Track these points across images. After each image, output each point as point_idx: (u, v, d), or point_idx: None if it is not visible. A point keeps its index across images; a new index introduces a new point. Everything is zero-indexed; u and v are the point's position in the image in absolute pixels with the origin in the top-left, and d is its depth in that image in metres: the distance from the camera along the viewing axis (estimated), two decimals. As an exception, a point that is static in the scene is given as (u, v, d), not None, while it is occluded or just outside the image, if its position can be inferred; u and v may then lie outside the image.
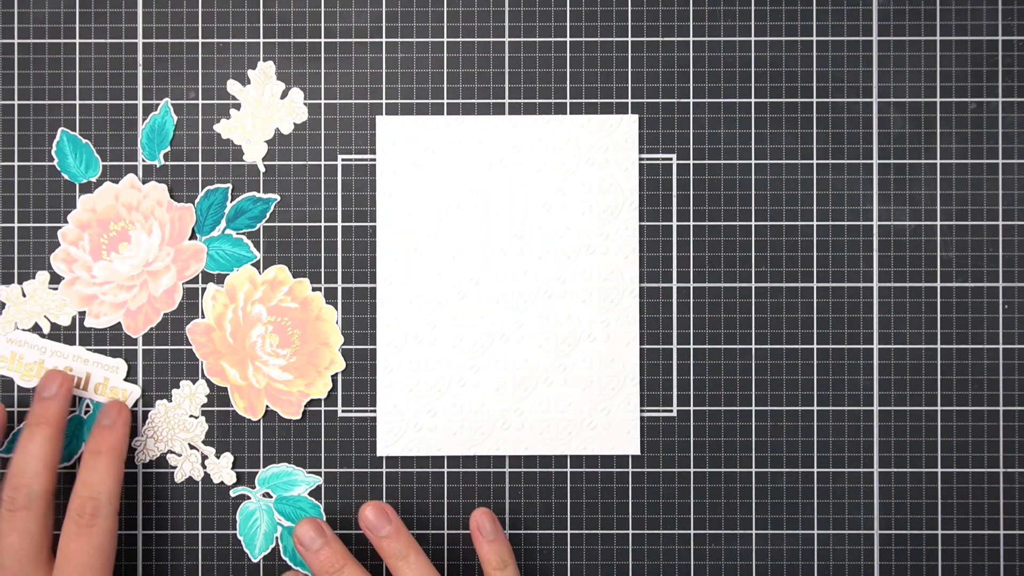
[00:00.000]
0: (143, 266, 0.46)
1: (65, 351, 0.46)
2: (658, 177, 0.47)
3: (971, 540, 0.47)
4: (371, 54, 0.47)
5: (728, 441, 0.47)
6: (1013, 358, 0.47)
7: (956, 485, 0.47)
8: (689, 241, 0.47)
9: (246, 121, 0.47)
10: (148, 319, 0.46)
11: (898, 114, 0.47)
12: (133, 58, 0.47)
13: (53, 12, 0.47)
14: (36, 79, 0.47)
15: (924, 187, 0.47)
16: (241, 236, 0.47)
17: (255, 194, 0.47)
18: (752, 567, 0.47)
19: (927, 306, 0.47)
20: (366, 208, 0.47)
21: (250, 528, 0.46)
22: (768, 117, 0.47)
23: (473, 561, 0.47)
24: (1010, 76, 0.47)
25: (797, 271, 0.47)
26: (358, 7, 0.47)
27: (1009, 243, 0.47)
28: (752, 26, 0.47)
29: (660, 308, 0.47)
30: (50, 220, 0.46)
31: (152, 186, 0.46)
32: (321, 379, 0.46)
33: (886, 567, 0.47)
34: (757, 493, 0.47)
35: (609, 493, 0.47)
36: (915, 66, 0.47)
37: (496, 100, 0.47)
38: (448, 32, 0.47)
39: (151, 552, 0.47)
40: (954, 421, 0.47)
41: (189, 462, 0.47)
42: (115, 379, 0.46)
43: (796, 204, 0.47)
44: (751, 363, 0.47)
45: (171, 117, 0.47)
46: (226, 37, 0.47)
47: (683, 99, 0.47)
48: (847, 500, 0.47)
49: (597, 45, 0.47)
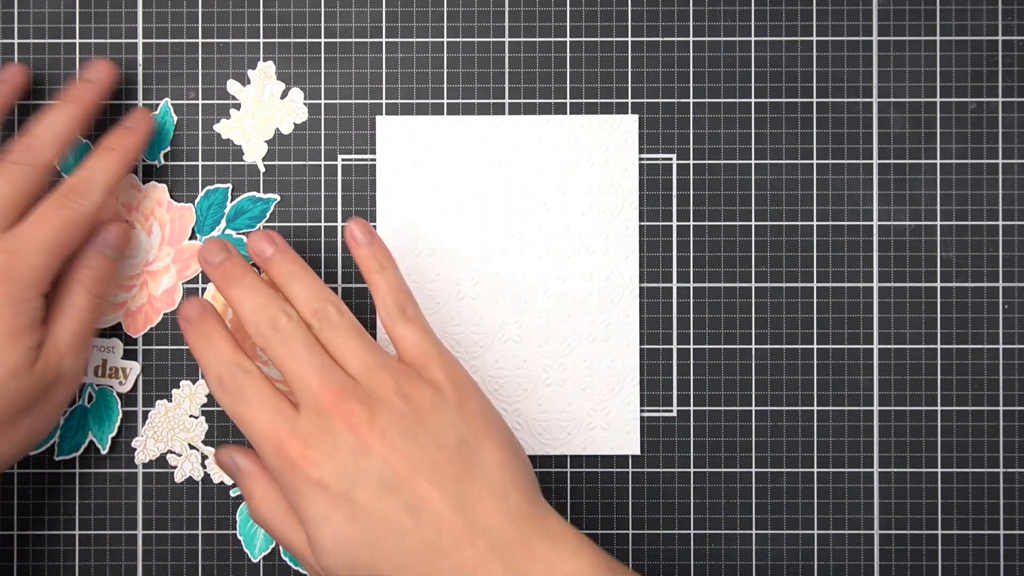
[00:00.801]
0: (143, 266, 0.46)
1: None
2: (658, 177, 0.47)
3: (971, 540, 0.47)
4: (371, 54, 0.47)
5: (728, 441, 0.47)
6: (1013, 358, 0.47)
7: (956, 485, 0.47)
8: (689, 241, 0.47)
9: (246, 121, 0.47)
10: (148, 319, 0.46)
11: (898, 114, 0.47)
12: (133, 58, 0.47)
13: (53, 12, 0.47)
14: (36, 79, 0.47)
15: (924, 187, 0.47)
16: (241, 236, 0.47)
17: (255, 194, 0.47)
18: (752, 567, 0.47)
19: (927, 306, 0.47)
20: (366, 208, 0.47)
21: (250, 528, 0.47)
22: (768, 117, 0.47)
23: (473, 561, 0.47)
24: (1010, 76, 0.47)
25: (797, 271, 0.47)
26: (358, 7, 0.47)
27: (1009, 243, 0.47)
28: (752, 26, 0.47)
29: (660, 308, 0.47)
30: (50, 220, 0.46)
31: (151, 186, 0.46)
32: (321, 379, 0.46)
33: (886, 567, 0.47)
34: (757, 493, 0.47)
35: (609, 493, 0.47)
36: (915, 66, 0.47)
37: (496, 100, 0.47)
38: (448, 32, 0.47)
39: (151, 552, 0.47)
40: (954, 421, 0.47)
41: (189, 462, 0.47)
42: (113, 358, 0.46)
43: (796, 204, 0.47)
44: (751, 363, 0.47)
45: (171, 117, 0.47)
46: (226, 37, 0.47)
47: (683, 99, 0.47)
48: (847, 500, 0.47)
49: (597, 45, 0.47)
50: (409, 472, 0.38)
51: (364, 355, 0.40)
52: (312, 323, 0.41)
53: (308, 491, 0.38)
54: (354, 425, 0.38)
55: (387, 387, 0.39)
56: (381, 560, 0.37)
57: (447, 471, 0.38)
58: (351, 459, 0.38)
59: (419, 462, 0.38)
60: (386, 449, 0.38)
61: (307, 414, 0.39)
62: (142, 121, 0.45)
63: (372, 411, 0.39)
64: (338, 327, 0.41)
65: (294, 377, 0.40)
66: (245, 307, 0.41)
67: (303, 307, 0.41)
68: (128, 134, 0.45)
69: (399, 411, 0.39)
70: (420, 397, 0.39)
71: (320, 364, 0.40)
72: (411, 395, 0.39)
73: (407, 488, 0.38)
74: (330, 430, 0.38)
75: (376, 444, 0.38)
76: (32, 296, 0.41)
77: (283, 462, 0.39)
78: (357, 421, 0.38)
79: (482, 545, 0.37)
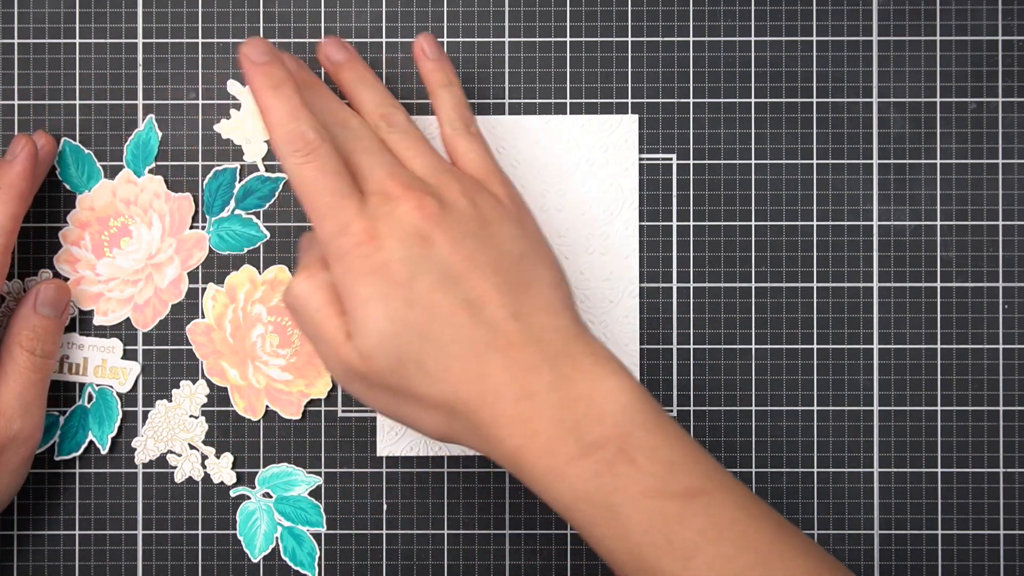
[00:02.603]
0: (146, 259, 0.46)
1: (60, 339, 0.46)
2: (658, 177, 0.47)
3: (971, 540, 0.47)
4: (372, 54, 0.47)
5: (728, 441, 0.47)
6: (1013, 358, 0.47)
7: (956, 485, 0.47)
8: (689, 241, 0.47)
9: (247, 121, 0.47)
10: (156, 312, 0.46)
11: (898, 114, 0.47)
12: (133, 58, 0.47)
13: (53, 12, 0.47)
14: (36, 79, 0.47)
15: (924, 187, 0.47)
16: (251, 216, 0.47)
17: (264, 174, 0.47)
18: (752, 567, 0.47)
19: (927, 306, 0.47)
20: (366, 208, 0.47)
21: (250, 528, 0.47)
22: (768, 117, 0.47)
23: (474, 562, 0.47)
24: (1010, 76, 0.47)
25: (797, 271, 0.47)
26: (358, 7, 0.47)
27: (1009, 243, 0.47)
28: (752, 26, 0.47)
29: (660, 308, 0.47)
30: (50, 220, 0.46)
31: (148, 179, 0.46)
32: (321, 379, 0.46)
33: (886, 567, 0.47)
34: (757, 493, 0.47)
35: (609, 493, 0.47)
36: (915, 66, 0.47)
37: (496, 100, 0.47)
38: (449, 32, 0.47)
39: (151, 552, 0.47)
40: (954, 421, 0.47)
41: (189, 462, 0.47)
42: (113, 359, 0.46)
43: (796, 204, 0.47)
44: (751, 363, 0.47)
45: (155, 133, 0.47)
46: (226, 37, 0.47)
47: (683, 99, 0.47)
48: (847, 500, 0.47)
49: (597, 45, 0.47)
50: (471, 271, 0.38)
51: (431, 158, 0.41)
52: (380, 126, 0.41)
53: (369, 272, 0.37)
54: (423, 213, 0.38)
55: (454, 189, 0.39)
56: (432, 350, 0.37)
57: (506, 278, 0.38)
58: (417, 246, 0.38)
59: (482, 264, 0.38)
60: (451, 244, 0.38)
61: (375, 199, 0.39)
62: (21, 149, 0.43)
63: (441, 205, 0.38)
64: (407, 131, 0.41)
65: (363, 167, 0.39)
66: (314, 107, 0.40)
67: (371, 111, 0.42)
68: (7, 168, 0.42)
69: (465, 212, 0.39)
70: (485, 205, 0.40)
71: (390, 160, 0.40)
72: (478, 201, 0.40)
73: (467, 285, 0.38)
74: (398, 216, 0.38)
75: (441, 237, 0.38)
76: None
77: (347, 240, 0.38)
78: (426, 211, 0.38)
79: (533, 351, 0.37)
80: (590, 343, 0.38)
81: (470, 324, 0.37)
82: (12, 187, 0.42)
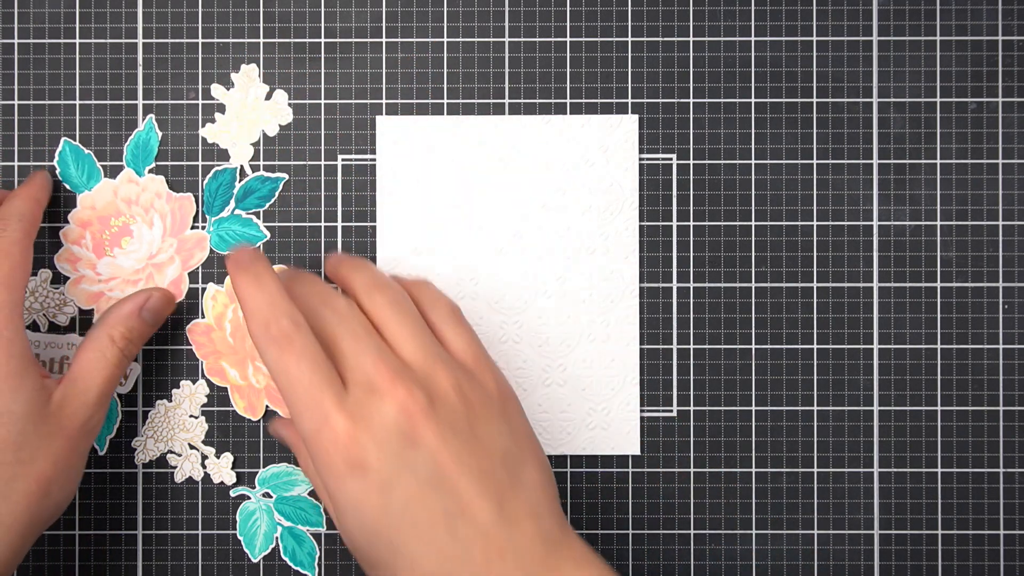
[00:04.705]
0: (147, 259, 0.46)
1: (59, 340, 0.46)
2: (658, 177, 0.47)
3: (971, 540, 0.47)
4: (371, 54, 0.47)
5: (728, 441, 0.47)
6: (1013, 358, 0.47)
7: (956, 485, 0.47)
8: (689, 241, 0.47)
9: (231, 124, 0.47)
10: (156, 314, 0.47)
11: (898, 114, 0.47)
12: (133, 58, 0.47)
13: (53, 12, 0.47)
14: (36, 79, 0.47)
15: (924, 187, 0.47)
16: (251, 216, 0.47)
17: (264, 174, 0.47)
18: (752, 567, 0.47)
19: (927, 306, 0.47)
20: (366, 208, 0.47)
21: (250, 528, 0.47)
22: (768, 117, 0.47)
23: (473, 561, 0.47)
24: (1010, 76, 0.47)
25: (797, 271, 0.47)
26: (358, 7, 0.47)
27: (1009, 243, 0.47)
28: (752, 26, 0.47)
29: (660, 308, 0.47)
30: (50, 220, 0.46)
31: (150, 178, 0.46)
32: (321, 379, 0.46)
33: (886, 567, 0.47)
34: (757, 493, 0.47)
35: (609, 493, 0.47)
36: (915, 66, 0.47)
37: (496, 100, 0.47)
38: (448, 32, 0.47)
39: (151, 552, 0.47)
40: (954, 421, 0.47)
41: (189, 462, 0.47)
42: None
43: (796, 204, 0.47)
44: (751, 363, 0.47)
45: (155, 133, 0.47)
46: (226, 37, 0.47)
47: (683, 99, 0.47)
48: (847, 500, 0.47)
49: (597, 45, 0.47)
50: (457, 474, 0.36)
51: (422, 340, 0.39)
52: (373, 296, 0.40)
53: (345, 472, 0.36)
54: (409, 412, 0.36)
55: (445, 380, 0.38)
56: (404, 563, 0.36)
57: (493, 480, 0.37)
58: (401, 447, 0.36)
59: (469, 465, 0.36)
60: (438, 442, 0.36)
61: (357, 390, 0.37)
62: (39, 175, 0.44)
63: (429, 399, 0.37)
64: (398, 306, 0.39)
65: (347, 355, 0.38)
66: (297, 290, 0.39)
67: (362, 286, 0.40)
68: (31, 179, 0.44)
69: (455, 408, 0.37)
70: (475, 399, 0.38)
71: (376, 345, 0.38)
72: (467, 394, 0.38)
73: (451, 490, 0.36)
74: (381, 412, 0.36)
75: (428, 435, 0.36)
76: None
77: (325, 437, 0.36)
78: (413, 408, 0.36)
79: (511, 562, 0.36)
80: (573, 547, 0.37)
81: (445, 537, 0.36)
82: (35, 184, 0.44)
